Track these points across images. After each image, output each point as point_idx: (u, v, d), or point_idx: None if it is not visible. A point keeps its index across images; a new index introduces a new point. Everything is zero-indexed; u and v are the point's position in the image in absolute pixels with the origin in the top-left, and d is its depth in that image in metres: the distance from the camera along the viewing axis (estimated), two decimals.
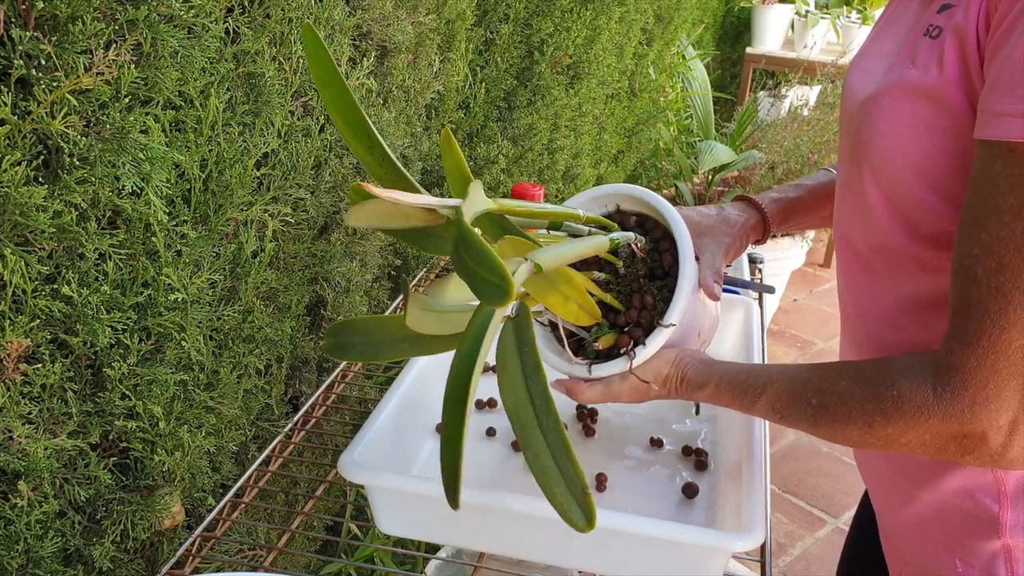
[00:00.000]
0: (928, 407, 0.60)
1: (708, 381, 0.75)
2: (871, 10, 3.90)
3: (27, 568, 0.77)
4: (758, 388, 0.71)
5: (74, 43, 0.66)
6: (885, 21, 0.75)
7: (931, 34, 0.62)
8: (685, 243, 0.79)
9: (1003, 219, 0.55)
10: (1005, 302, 0.55)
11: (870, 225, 0.69)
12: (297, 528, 0.95)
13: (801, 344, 3.01)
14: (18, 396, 0.72)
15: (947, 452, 0.61)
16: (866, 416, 0.63)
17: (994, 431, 0.58)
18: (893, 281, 0.70)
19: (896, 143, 0.64)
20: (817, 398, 0.66)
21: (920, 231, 0.65)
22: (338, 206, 1.18)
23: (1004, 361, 0.56)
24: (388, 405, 0.90)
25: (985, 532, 0.69)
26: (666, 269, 0.81)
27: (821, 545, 2.09)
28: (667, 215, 0.81)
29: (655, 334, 0.77)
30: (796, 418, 0.68)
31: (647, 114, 2.79)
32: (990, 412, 0.57)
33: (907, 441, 0.62)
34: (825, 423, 0.66)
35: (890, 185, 0.66)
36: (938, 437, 0.60)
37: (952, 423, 0.59)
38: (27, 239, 0.70)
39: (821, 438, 0.69)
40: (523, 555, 0.82)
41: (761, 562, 0.82)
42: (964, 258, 0.58)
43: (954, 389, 0.58)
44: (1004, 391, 0.57)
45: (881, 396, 0.62)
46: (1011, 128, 0.54)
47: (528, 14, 1.63)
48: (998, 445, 0.58)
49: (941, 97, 0.61)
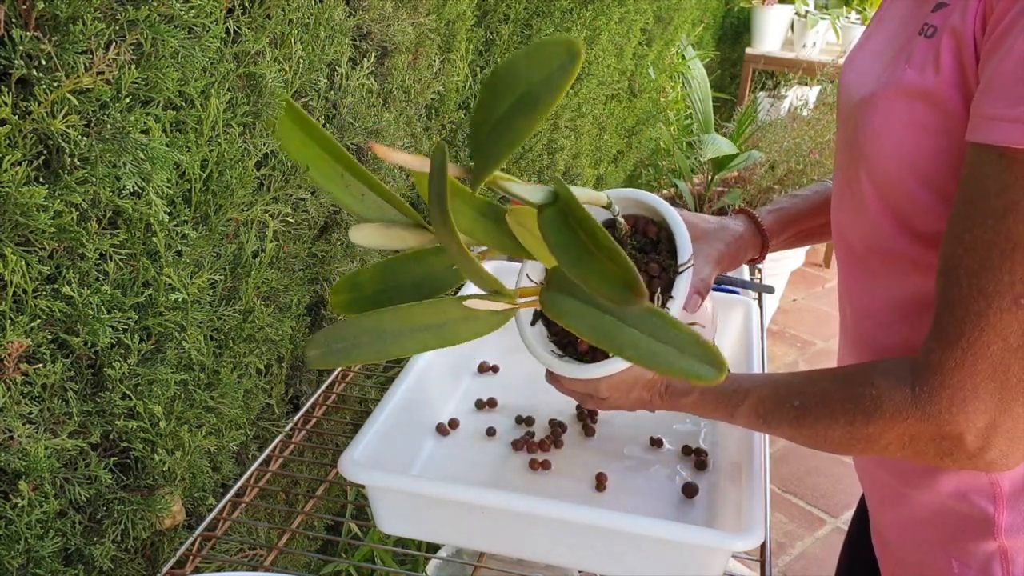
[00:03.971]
0: (907, 407, 0.60)
1: (692, 388, 0.75)
2: (870, 10, 3.91)
3: (28, 568, 0.77)
4: (741, 393, 0.71)
5: (74, 43, 0.66)
6: (879, 18, 0.75)
7: (926, 33, 0.62)
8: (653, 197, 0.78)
9: (987, 222, 0.55)
10: (986, 304, 0.55)
11: (867, 225, 0.70)
12: (297, 528, 0.95)
13: (801, 344, 3.01)
14: (19, 396, 0.72)
15: (926, 455, 0.61)
16: (847, 416, 0.63)
17: (971, 433, 0.58)
18: (889, 281, 0.70)
19: (892, 143, 0.64)
20: (799, 399, 0.67)
21: (916, 230, 0.66)
22: (338, 206, 1.18)
23: (982, 363, 0.56)
24: (388, 405, 0.90)
25: (981, 533, 0.69)
26: (653, 239, 0.78)
27: (821, 545, 2.09)
28: (630, 194, 0.79)
29: (677, 282, 0.74)
30: (779, 421, 0.69)
31: (647, 114, 2.79)
32: (967, 413, 0.57)
33: (887, 443, 0.62)
34: (807, 424, 0.66)
35: (886, 185, 0.66)
36: (917, 439, 0.60)
37: (930, 423, 0.59)
38: (28, 239, 0.70)
39: (803, 443, 0.69)
40: (523, 555, 0.82)
41: (761, 562, 0.82)
42: (948, 258, 0.58)
43: (932, 388, 0.59)
44: (981, 393, 0.57)
45: (861, 395, 0.63)
46: (1002, 132, 0.54)
47: (528, 15, 1.63)
48: (975, 447, 0.58)
49: (937, 98, 0.61)
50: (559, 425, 0.99)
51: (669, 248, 0.76)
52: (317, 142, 0.62)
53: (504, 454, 0.95)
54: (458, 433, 0.98)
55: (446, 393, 1.04)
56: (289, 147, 0.62)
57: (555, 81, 0.49)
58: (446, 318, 0.66)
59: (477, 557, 0.95)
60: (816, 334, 3.08)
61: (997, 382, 0.56)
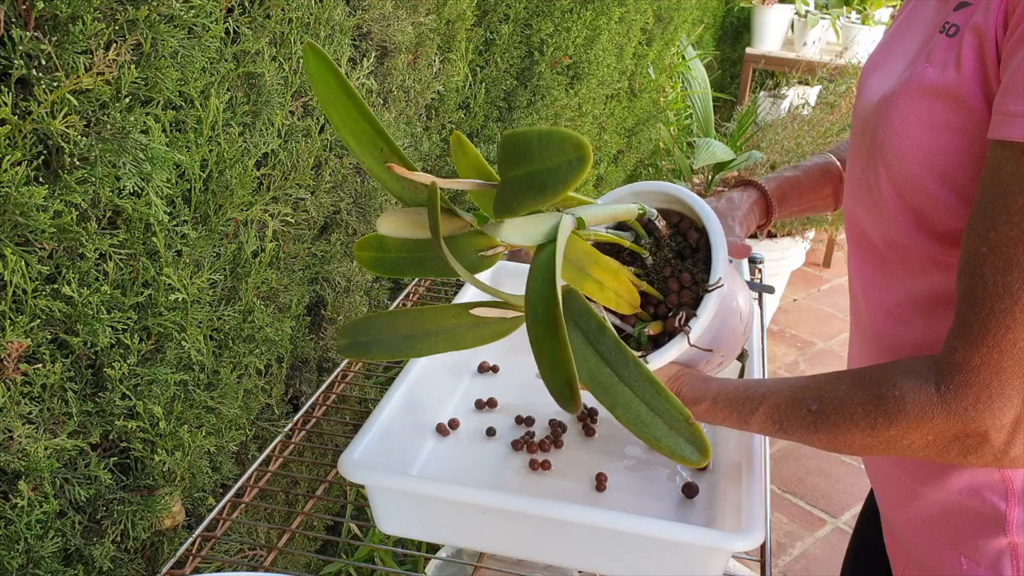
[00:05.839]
0: (932, 406, 0.59)
1: (704, 396, 0.74)
2: (871, 10, 3.91)
3: (27, 568, 0.77)
4: (756, 399, 0.70)
5: (74, 43, 0.66)
6: (905, 17, 0.75)
7: (947, 32, 0.62)
8: (701, 205, 0.77)
9: (1012, 219, 0.55)
10: (1012, 301, 0.55)
11: (886, 222, 0.69)
12: (297, 528, 0.95)
13: (801, 344, 3.01)
14: (18, 396, 0.72)
15: (949, 453, 0.61)
16: (868, 418, 0.63)
17: (996, 430, 0.58)
18: (907, 277, 0.70)
19: (912, 142, 0.64)
20: (817, 404, 0.66)
21: (935, 229, 0.66)
22: (338, 206, 1.18)
23: (1008, 360, 0.56)
24: (388, 405, 0.90)
25: (992, 530, 0.69)
26: (693, 245, 0.78)
27: (821, 545, 2.09)
28: (680, 195, 0.79)
29: (704, 302, 0.74)
30: (796, 427, 0.67)
31: (647, 114, 2.79)
32: (993, 411, 0.57)
33: (910, 443, 0.62)
34: (826, 428, 0.65)
35: (905, 183, 0.66)
36: (941, 437, 0.60)
37: (955, 422, 0.59)
38: (27, 239, 0.70)
39: (821, 447, 0.68)
40: (523, 555, 0.82)
41: (761, 562, 0.82)
42: (972, 256, 0.58)
43: (958, 388, 0.58)
44: (1007, 390, 0.57)
45: (883, 397, 0.62)
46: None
47: (528, 14, 1.63)
48: (1000, 443, 0.58)
49: (958, 96, 0.61)
50: (559, 425, 0.99)
51: (705, 258, 0.76)
52: (361, 115, 0.62)
53: (504, 454, 0.95)
54: (458, 433, 0.98)
55: (446, 393, 1.03)
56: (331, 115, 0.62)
57: (562, 175, 0.51)
58: (456, 324, 0.67)
59: (477, 557, 0.95)
60: (816, 334, 3.08)
61: (1022, 378, 0.57)
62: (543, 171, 0.52)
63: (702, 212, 0.77)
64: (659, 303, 0.77)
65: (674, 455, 0.56)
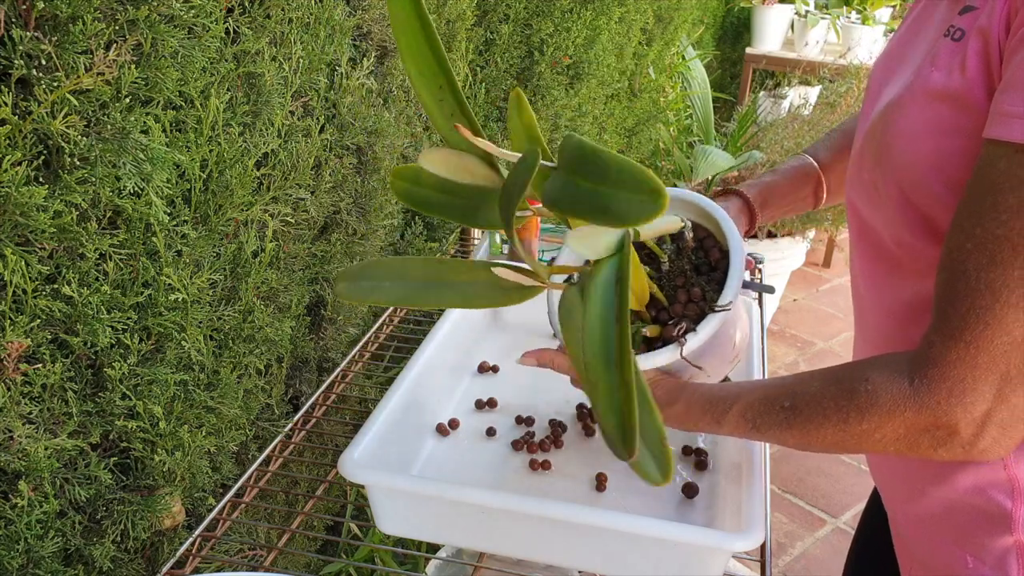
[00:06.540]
0: (904, 399, 0.60)
1: (678, 398, 0.74)
2: (871, 10, 3.91)
3: (27, 568, 0.77)
4: (729, 399, 0.71)
5: (74, 43, 0.66)
6: (913, 20, 0.75)
7: (952, 36, 0.63)
8: (732, 230, 0.78)
9: (1000, 217, 0.55)
10: (992, 299, 0.56)
11: (895, 224, 0.70)
12: (297, 528, 0.95)
13: (801, 344, 3.01)
14: (18, 396, 0.72)
15: (919, 447, 0.62)
16: (841, 413, 0.63)
17: (966, 423, 0.59)
18: (916, 276, 0.70)
19: (918, 146, 0.64)
20: (790, 401, 0.66)
21: (941, 231, 0.66)
22: (338, 206, 1.18)
23: (984, 356, 0.57)
24: (388, 405, 0.90)
25: (997, 528, 0.70)
26: (713, 264, 0.79)
27: (821, 545, 2.09)
28: (716, 215, 0.80)
29: (707, 320, 0.75)
30: (768, 425, 0.68)
31: (647, 114, 2.79)
32: (965, 405, 0.58)
33: (881, 436, 0.62)
34: (798, 425, 0.66)
35: (912, 186, 0.66)
36: (912, 430, 0.61)
37: (927, 415, 0.59)
38: (27, 239, 0.70)
39: (794, 446, 0.68)
40: (523, 555, 0.82)
41: (761, 562, 0.82)
42: (954, 252, 0.58)
43: (931, 381, 0.59)
44: (980, 385, 0.57)
45: (855, 391, 0.63)
46: (1019, 129, 0.54)
47: (528, 14, 1.63)
48: (969, 436, 0.59)
49: (964, 100, 0.61)
50: (559, 425, 0.99)
51: (720, 279, 0.77)
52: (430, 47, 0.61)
53: (504, 454, 0.95)
54: (458, 433, 0.98)
55: (446, 393, 1.03)
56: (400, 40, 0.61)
57: (632, 211, 0.51)
58: (473, 279, 0.65)
59: (477, 557, 0.95)
60: (816, 334, 3.08)
61: (997, 374, 0.57)
62: (612, 196, 0.52)
63: (731, 239, 0.78)
64: (662, 308, 0.78)
65: (638, 471, 0.57)
